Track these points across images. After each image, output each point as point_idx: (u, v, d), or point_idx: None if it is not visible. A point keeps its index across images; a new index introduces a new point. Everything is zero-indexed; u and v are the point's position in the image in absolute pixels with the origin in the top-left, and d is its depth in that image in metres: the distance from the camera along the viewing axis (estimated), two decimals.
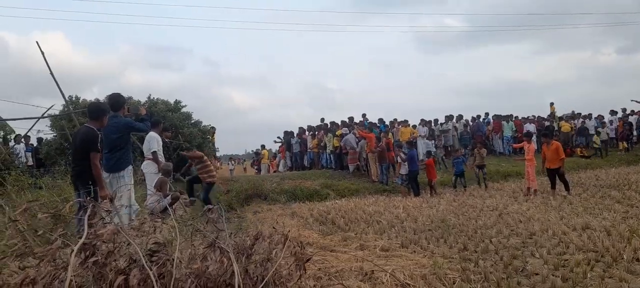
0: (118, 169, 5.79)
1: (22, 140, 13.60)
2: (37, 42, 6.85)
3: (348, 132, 15.59)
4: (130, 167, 5.96)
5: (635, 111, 21.32)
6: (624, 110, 21.54)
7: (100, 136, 5.23)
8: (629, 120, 20.67)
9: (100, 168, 5.13)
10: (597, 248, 5.40)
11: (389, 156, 14.38)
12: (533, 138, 15.37)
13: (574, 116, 21.41)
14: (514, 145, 14.19)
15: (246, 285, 2.82)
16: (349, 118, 17.34)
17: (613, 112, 21.18)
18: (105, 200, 4.60)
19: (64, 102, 10.73)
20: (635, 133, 20.48)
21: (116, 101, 6.08)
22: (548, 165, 10.91)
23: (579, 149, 19.16)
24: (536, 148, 13.49)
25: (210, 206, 3.58)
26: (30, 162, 13.40)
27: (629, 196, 9.62)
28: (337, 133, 16.25)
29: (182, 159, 11.40)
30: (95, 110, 5.51)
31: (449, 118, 18.70)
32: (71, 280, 2.22)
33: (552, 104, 22.29)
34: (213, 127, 15.83)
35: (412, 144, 13.93)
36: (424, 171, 13.00)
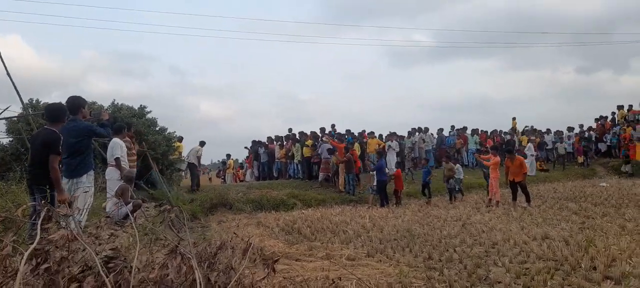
0: (78, 175, 5.53)
1: None
2: None
3: (326, 140, 15.68)
4: (91, 173, 5.72)
5: (593, 128, 22.25)
6: (581, 126, 22.44)
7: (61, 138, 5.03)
8: (586, 135, 21.54)
9: (59, 172, 4.91)
10: (556, 257, 5.54)
11: (356, 166, 14.55)
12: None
13: (533, 131, 22.13)
14: (482, 156, 14.40)
15: None
16: (320, 129, 17.39)
17: (570, 129, 22.05)
18: (62, 205, 4.40)
19: (22, 105, 10.26)
20: (592, 148, 21.33)
21: (73, 103, 5.79)
22: (511, 177, 11.27)
23: (538, 163, 19.78)
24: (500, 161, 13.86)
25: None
26: None
27: (585, 208, 9.97)
28: (307, 143, 16.22)
29: (145, 167, 11.10)
30: (56, 111, 5.29)
31: (417, 130, 18.98)
32: None
33: (514, 119, 23.01)
34: (181, 137, 15.57)
35: (380, 154, 14.14)
36: (392, 181, 13.17)
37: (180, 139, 15.37)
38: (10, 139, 12.27)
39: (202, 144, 15.32)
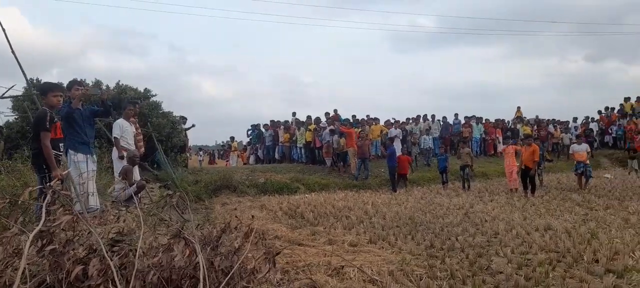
0: (65, 154, 5.69)
1: None
2: None
3: (326, 126, 15.67)
4: (69, 152, 5.70)
5: (596, 119, 22.07)
6: (586, 117, 22.28)
7: (50, 114, 5.12)
8: (590, 126, 21.37)
9: (50, 148, 5.00)
10: (558, 248, 5.54)
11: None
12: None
13: (538, 121, 21.98)
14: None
15: (211, 277, 2.76)
16: (325, 113, 17.40)
17: (575, 119, 21.96)
18: (55, 180, 4.48)
19: (26, 83, 10.27)
20: (597, 139, 21.17)
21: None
22: (523, 165, 11.22)
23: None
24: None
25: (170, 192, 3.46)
26: None
27: (588, 199, 9.94)
28: (309, 127, 16.24)
29: (150, 148, 11.14)
30: (38, 89, 5.67)
31: (423, 117, 18.92)
32: (25, 269, 2.11)
33: (519, 108, 22.88)
34: (184, 117, 15.50)
35: (392, 140, 14.38)
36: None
37: (185, 121, 15.34)
38: (16, 117, 12.33)
39: (183, 119, 14.96)
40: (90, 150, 5.90)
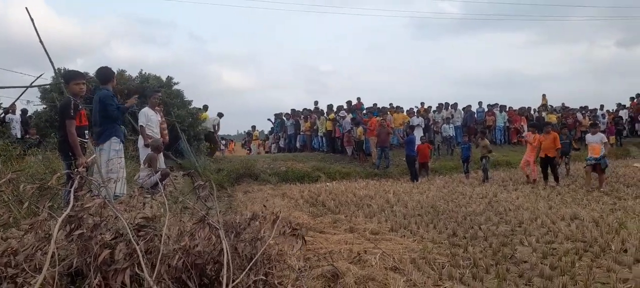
0: (101, 142, 5.78)
1: (18, 110, 13.15)
2: (26, 8, 6.61)
3: (346, 115, 15.63)
4: (113, 140, 5.81)
5: (627, 106, 21.42)
6: (618, 104, 21.65)
7: (75, 102, 5.16)
8: (620, 114, 20.76)
9: (75, 136, 5.06)
10: (585, 238, 5.43)
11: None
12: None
13: (564, 109, 21.46)
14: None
15: (235, 263, 2.79)
16: (347, 102, 17.33)
17: (601, 107, 21.37)
18: (81, 168, 4.56)
19: (54, 74, 10.50)
20: (626, 127, 20.56)
21: (103, 74, 5.97)
22: (543, 154, 10.93)
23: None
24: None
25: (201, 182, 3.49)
26: (20, 134, 13.14)
27: (616, 189, 9.71)
28: (329, 117, 16.23)
29: (174, 137, 11.28)
30: (62, 77, 5.84)
31: (445, 106, 18.69)
32: (54, 252, 2.17)
33: (544, 95, 22.37)
34: (206, 105, 15.76)
35: (412, 128, 14.23)
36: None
37: (206, 108, 15.58)
38: (44, 106, 12.65)
39: (220, 115, 15.62)
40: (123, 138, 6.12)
